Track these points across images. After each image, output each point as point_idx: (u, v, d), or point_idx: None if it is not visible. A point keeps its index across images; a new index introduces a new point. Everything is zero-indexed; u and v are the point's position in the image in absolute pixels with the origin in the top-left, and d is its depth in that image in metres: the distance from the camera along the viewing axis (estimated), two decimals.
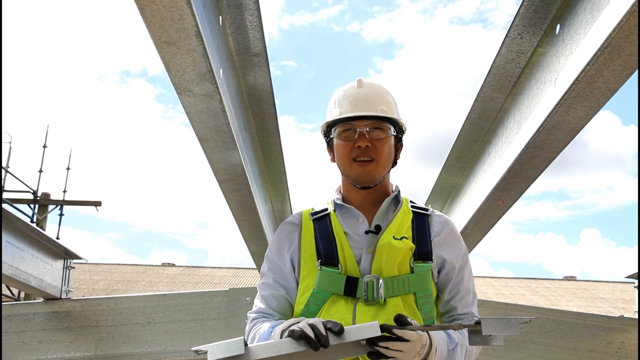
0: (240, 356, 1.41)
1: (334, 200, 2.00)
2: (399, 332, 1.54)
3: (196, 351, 1.46)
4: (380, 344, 1.53)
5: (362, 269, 1.84)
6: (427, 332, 1.63)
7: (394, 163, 2.01)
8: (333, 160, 2.02)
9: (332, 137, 1.96)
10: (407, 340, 1.55)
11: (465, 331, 1.78)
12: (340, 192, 2.04)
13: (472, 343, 1.63)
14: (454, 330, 1.69)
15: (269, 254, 2.00)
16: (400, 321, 1.58)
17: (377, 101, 1.92)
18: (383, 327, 1.53)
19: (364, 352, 1.54)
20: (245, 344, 1.43)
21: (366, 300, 1.80)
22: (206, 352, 1.43)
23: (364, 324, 1.53)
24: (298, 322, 1.57)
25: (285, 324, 1.65)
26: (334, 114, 1.95)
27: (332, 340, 1.47)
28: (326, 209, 1.99)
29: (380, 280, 1.80)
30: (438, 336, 1.69)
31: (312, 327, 1.49)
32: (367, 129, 1.88)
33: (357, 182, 1.93)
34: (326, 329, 1.49)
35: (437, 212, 2.01)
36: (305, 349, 1.45)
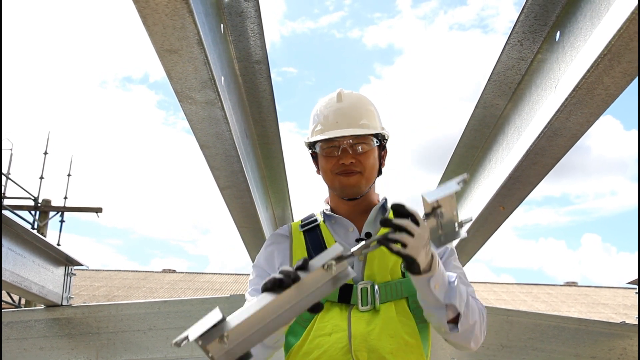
0: (221, 327, 1.34)
1: (322, 211, 2.02)
2: (398, 221, 1.48)
3: (177, 343, 1.41)
4: (390, 236, 1.47)
5: (356, 277, 1.83)
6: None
7: (379, 172, 2.02)
8: (319, 172, 2.04)
9: (315, 152, 1.98)
10: (417, 224, 1.50)
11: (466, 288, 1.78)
12: (328, 203, 2.05)
13: (437, 244, 1.59)
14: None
15: (258, 263, 1.99)
16: (399, 212, 1.52)
17: (358, 115, 1.92)
18: (382, 222, 1.48)
19: (334, 284, 1.44)
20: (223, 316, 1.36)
21: (360, 307, 1.81)
22: (187, 338, 1.38)
23: (326, 250, 1.46)
24: None
25: None
26: (315, 130, 1.96)
27: (302, 275, 1.40)
28: (315, 220, 2.00)
29: (376, 286, 1.82)
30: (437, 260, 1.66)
31: (280, 271, 1.42)
32: (351, 142, 1.89)
33: (343, 195, 1.95)
34: (294, 269, 1.42)
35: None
36: (277, 296, 1.38)
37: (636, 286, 4.09)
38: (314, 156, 2.03)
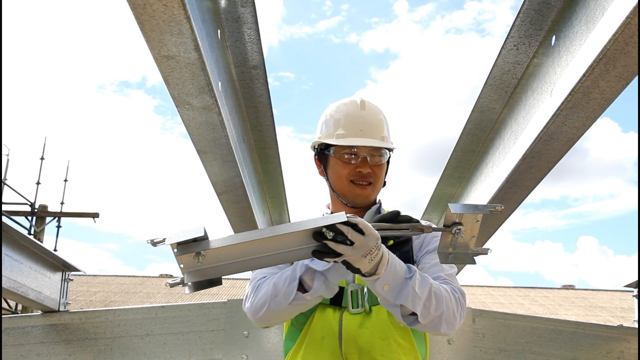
0: (201, 244, 1.37)
1: (323, 214, 2.04)
2: (353, 220, 1.48)
3: (153, 242, 1.41)
4: (329, 245, 1.45)
5: (347, 278, 1.87)
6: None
7: (384, 183, 2.07)
8: (322, 173, 2.05)
9: (327, 154, 1.99)
10: (362, 233, 1.48)
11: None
12: (329, 208, 2.09)
13: (443, 261, 1.58)
14: (422, 232, 1.61)
15: None
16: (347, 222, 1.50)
17: (380, 127, 1.98)
18: (318, 233, 1.47)
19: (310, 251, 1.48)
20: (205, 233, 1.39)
21: (351, 309, 1.83)
22: (164, 242, 1.39)
23: (331, 214, 1.48)
24: None
25: None
26: (337, 133, 1.97)
27: (295, 227, 1.44)
28: None
29: (365, 289, 1.84)
30: (394, 258, 1.62)
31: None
32: (370, 154, 1.94)
33: (352, 203, 1.98)
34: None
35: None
36: (258, 238, 1.41)
37: (633, 289, 4.09)
38: (320, 157, 2.04)
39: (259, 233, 1.43)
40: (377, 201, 2.07)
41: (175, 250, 1.36)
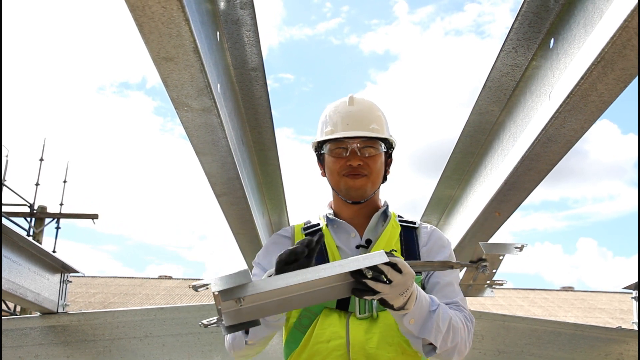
0: (243, 289, 1.36)
1: (326, 215, 2.02)
2: (393, 259, 1.47)
3: (195, 287, 1.41)
4: (371, 277, 1.44)
5: None
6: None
7: (384, 179, 2.03)
8: (324, 174, 2.04)
9: (324, 153, 1.98)
10: (400, 272, 1.48)
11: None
12: (332, 207, 2.05)
13: (466, 294, 1.65)
14: (452, 268, 1.68)
15: (258, 260, 1.99)
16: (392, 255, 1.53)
17: (369, 119, 1.94)
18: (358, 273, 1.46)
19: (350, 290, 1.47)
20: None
21: (358, 314, 1.81)
22: (207, 287, 1.39)
23: (371, 253, 1.48)
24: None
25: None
26: (325, 131, 1.96)
27: (337, 268, 1.43)
28: (318, 224, 2.01)
29: None
30: (420, 292, 1.64)
31: (299, 242, 1.53)
32: (359, 145, 1.91)
33: (347, 197, 1.95)
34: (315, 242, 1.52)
35: (424, 224, 2.03)
36: (302, 281, 1.40)
37: (632, 291, 4.09)
38: (320, 158, 2.03)
39: (303, 275, 1.43)
40: (384, 203, 2.05)
41: (218, 294, 1.36)
